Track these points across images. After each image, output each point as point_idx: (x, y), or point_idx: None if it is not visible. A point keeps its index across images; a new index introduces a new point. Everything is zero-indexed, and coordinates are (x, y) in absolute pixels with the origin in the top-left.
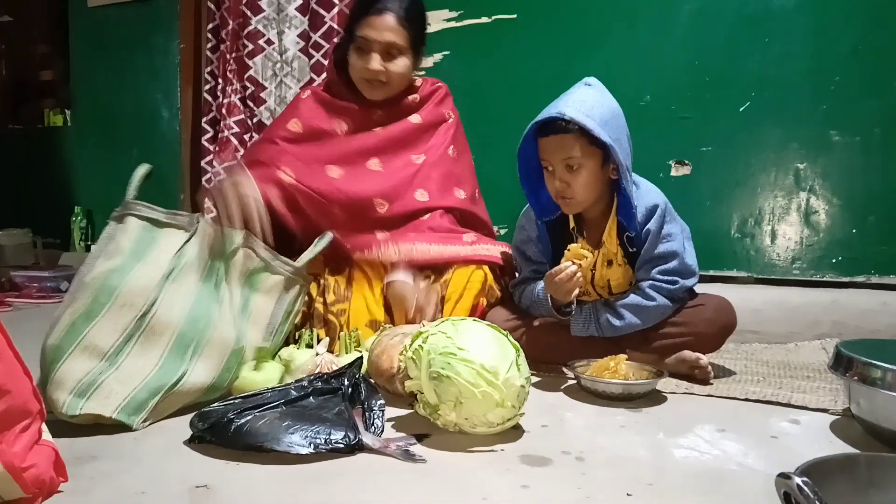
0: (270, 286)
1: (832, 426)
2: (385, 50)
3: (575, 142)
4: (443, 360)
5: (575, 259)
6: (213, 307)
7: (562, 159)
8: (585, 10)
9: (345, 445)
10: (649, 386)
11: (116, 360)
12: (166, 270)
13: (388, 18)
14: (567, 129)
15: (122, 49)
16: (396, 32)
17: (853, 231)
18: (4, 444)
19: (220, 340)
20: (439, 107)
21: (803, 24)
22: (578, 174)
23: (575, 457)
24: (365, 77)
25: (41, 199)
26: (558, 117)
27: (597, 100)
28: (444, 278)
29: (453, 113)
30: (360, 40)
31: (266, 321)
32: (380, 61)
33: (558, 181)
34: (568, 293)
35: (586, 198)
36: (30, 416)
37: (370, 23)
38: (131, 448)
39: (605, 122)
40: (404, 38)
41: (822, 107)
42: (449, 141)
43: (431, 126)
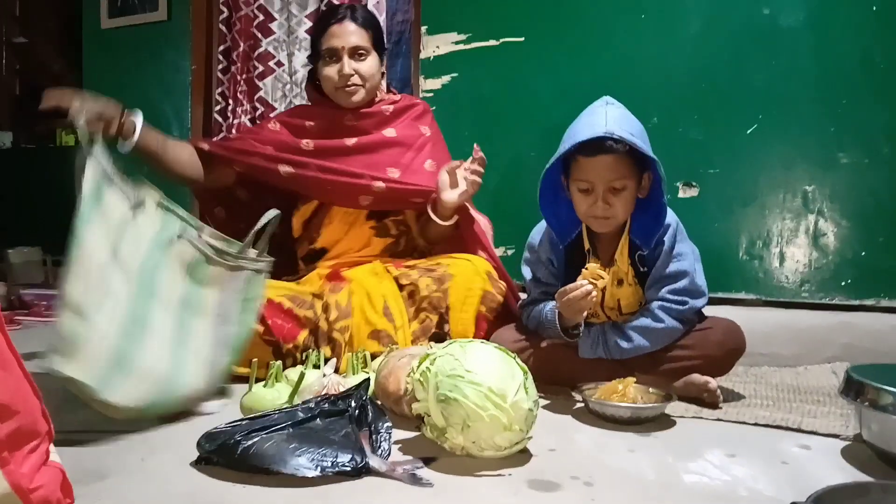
0: (215, 276)
1: (843, 452)
2: (353, 53)
3: (623, 161)
4: (450, 382)
5: (591, 279)
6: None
7: (609, 180)
8: (592, 33)
9: (351, 468)
10: (658, 410)
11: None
12: (111, 248)
13: (348, 24)
14: (615, 150)
15: (134, 70)
16: (359, 35)
17: (862, 253)
18: (13, 464)
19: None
20: (416, 122)
21: (810, 43)
22: (622, 194)
23: (584, 482)
24: (339, 85)
25: (52, 218)
26: (607, 137)
27: (630, 117)
28: (444, 286)
29: (430, 128)
30: (327, 51)
31: (214, 311)
32: (350, 64)
33: (601, 202)
34: (579, 312)
35: (624, 217)
36: (38, 436)
37: (332, 32)
38: (138, 467)
39: (645, 141)
40: (367, 38)
41: (830, 128)
42: (426, 156)
43: (406, 142)
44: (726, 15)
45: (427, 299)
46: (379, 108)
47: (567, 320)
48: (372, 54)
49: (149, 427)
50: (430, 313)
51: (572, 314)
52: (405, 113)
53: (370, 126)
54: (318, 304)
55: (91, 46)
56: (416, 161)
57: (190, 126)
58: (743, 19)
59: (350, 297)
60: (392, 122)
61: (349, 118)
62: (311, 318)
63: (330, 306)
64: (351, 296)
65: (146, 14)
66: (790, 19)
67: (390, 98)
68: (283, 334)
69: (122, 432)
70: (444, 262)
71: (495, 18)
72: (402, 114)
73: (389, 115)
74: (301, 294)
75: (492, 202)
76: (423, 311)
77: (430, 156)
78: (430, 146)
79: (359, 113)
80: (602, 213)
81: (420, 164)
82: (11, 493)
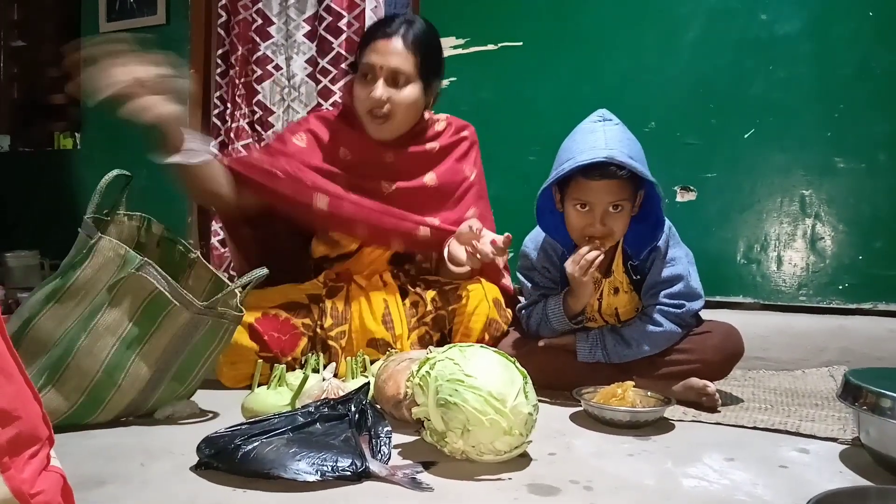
0: (171, 321)
1: (841, 455)
2: (391, 77)
3: (625, 185)
4: (450, 386)
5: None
6: (80, 335)
7: (609, 202)
8: (590, 37)
9: (352, 473)
10: (657, 414)
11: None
12: (50, 289)
13: (395, 42)
14: (616, 175)
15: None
16: (403, 57)
17: (859, 257)
18: (13, 469)
19: (78, 370)
20: (461, 163)
21: (807, 50)
22: (619, 215)
23: (583, 486)
24: (367, 108)
25: (50, 221)
26: (609, 161)
27: (630, 138)
28: (451, 307)
29: (475, 168)
30: (365, 66)
31: (157, 356)
32: (385, 88)
33: (599, 223)
34: (591, 271)
35: (621, 235)
36: (39, 441)
37: (375, 48)
38: (137, 473)
39: (642, 161)
40: (412, 64)
41: (827, 133)
42: (469, 203)
43: (448, 189)
44: (725, 22)
45: (431, 315)
46: (423, 149)
47: (573, 302)
48: (414, 83)
49: (148, 432)
50: (431, 330)
51: (583, 273)
52: (452, 152)
53: (412, 167)
54: (316, 309)
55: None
56: (458, 210)
57: None
58: (741, 26)
59: (348, 302)
60: (435, 165)
61: (389, 156)
62: (310, 325)
63: (326, 312)
64: (349, 301)
65: (145, 18)
66: (788, 26)
67: (433, 127)
68: (282, 347)
69: (122, 437)
70: (454, 282)
71: (494, 23)
72: (447, 153)
73: (435, 154)
74: (296, 299)
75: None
76: (425, 326)
77: (473, 203)
78: (473, 192)
79: (401, 153)
80: (600, 234)
81: (462, 213)
82: (12, 499)
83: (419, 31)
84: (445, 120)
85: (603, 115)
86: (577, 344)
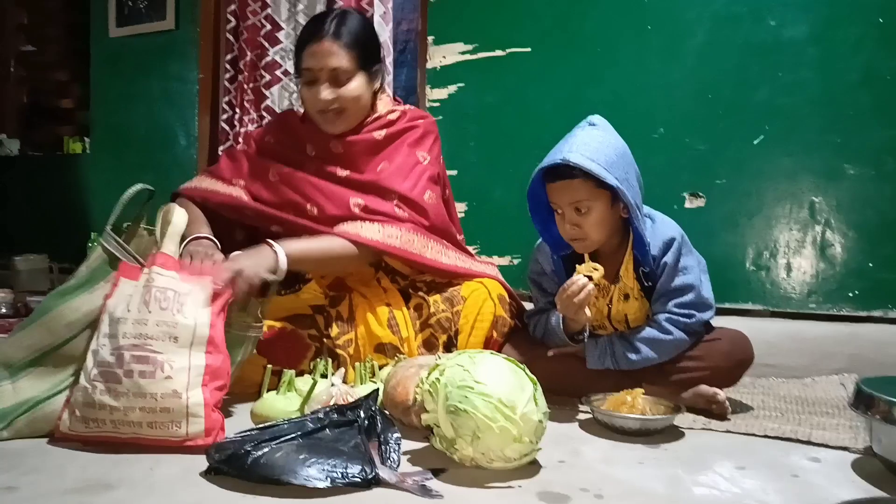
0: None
1: (853, 464)
2: (332, 77)
3: (581, 185)
4: (460, 393)
5: (586, 273)
6: None
7: (570, 203)
8: (597, 43)
9: (361, 480)
10: (667, 421)
11: (18, 374)
12: (100, 311)
13: (327, 44)
14: (573, 175)
15: (141, 78)
16: (339, 56)
17: (869, 264)
18: (208, 387)
19: None
20: (414, 148)
21: (813, 54)
22: (588, 216)
23: (594, 494)
24: (318, 109)
25: (59, 225)
26: (562, 163)
27: (601, 141)
28: (455, 308)
29: (429, 154)
30: (306, 73)
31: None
32: (330, 89)
33: (568, 224)
34: (580, 308)
35: (598, 238)
36: (224, 385)
37: (311, 52)
38: (145, 477)
39: (612, 164)
40: (349, 59)
41: (836, 139)
42: (425, 185)
43: (400, 171)
44: (731, 28)
45: (436, 318)
46: (369, 136)
47: (571, 324)
48: (357, 76)
49: None
50: (437, 332)
51: (573, 312)
52: (400, 138)
53: (358, 154)
54: (320, 319)
55: (98, 55)
56: (415, 192)
57: (196, 135)
58: (748, 32)
59: (351, 310)
60: (384, 151)
61: (335, 144)
62: (316, 335)
63: (332, 320)
64: (353, 308)
65: (154, 23)
66: (794, 31)
67: (386, 116)
68: (290, 358)
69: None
70: (457, 283)
71: (502, 29)
72: (395, 139)
73: (381, 140)
74: (300, 310)
75: (499, 212)
76: (430, 328)
77: (428, 186)
78: (427, 176)
79: (345, 141)
80: (570, 235)
81: (420, 195)
82: (201, 402)
83: (350, 25)
84: (402, 110)
85: (590, 121)
86: (586, 351)
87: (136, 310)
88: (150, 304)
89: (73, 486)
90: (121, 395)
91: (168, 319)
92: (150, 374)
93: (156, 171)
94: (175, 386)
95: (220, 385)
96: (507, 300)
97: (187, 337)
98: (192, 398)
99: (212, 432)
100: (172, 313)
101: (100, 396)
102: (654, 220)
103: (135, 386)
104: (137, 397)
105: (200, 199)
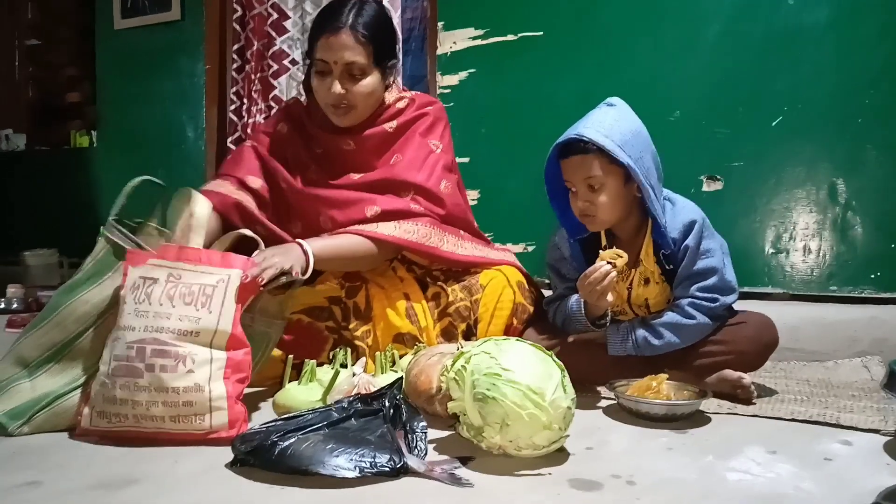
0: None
1: (886, 447)
2: (346, 71)
3: (594, 161)
4: (488, 381)
5: (609, 259)
6: None
7: (583, 179)
8: (612, 26)
9: (390, 469)
10: (694, 407)
11: (35, 372)
12: (110, 303)
13: (344, 37)
14: (586, 150)
15: (148, 70)
16: (355, 51)
17: (892, 246)
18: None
19: None
20: (426, 137)
21: (834, 39)
22: (600, 193)
23: (626, 480)
24: (328, 102)
25: (67, 220)
26: (577, 139)
27: (616, 119)
28: (473, 297)
29: (441, 142)
30: (319, 63)
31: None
32: (342, 84)
33: (581, 201)
34: (602, 295)
35: (610, 215)
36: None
37: (326, 43)
38: (170, 471)
39: (625, 142)
40: (365, 55)
41: (858, 120)
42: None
43: (414, 163)
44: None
45: (454, 307)
46: (381, 129)
47: (593, 309)
48: (371, 73)
49: None
50: (456, 321)
51: (596, 298)
52: (411, 128)
53: (371, 149)
54: (337, 311)
55: (104, 47)
56: (431, 182)
57: (204, 126)
58: (767, 18)
59: (368, 301)
60: (396, 143)
61: (349, 143)
62: (334, 327)
63: (349, 312)
64: (370, 299)
65: (159, 14)
66: (815, 18)
67: (395, 106)
68: (308, 351)
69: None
70: (475, 272)
71: (513, 13)
72: (406, 129)
73: (392, 132)
74: (316, 303)
75: (512, 199)
76: (448, 317)
77: (443, 176)
78: (441, 165)
79: (356, 137)
80: (581, 211)
81: (436, 185)
82: (223, 395)
83: (368, 17)
84: (409, 98)
85: (608, 101)
86: (608, 337)
87: (158, 302)
88: (174, 298)
89: (97, 481)
90: (142, 390)
91: (192, 314)
92: (171, 368)
93: (163, 163)
94: (197, 379)
95: (242, 377)
96: (526, 287)
97: (210, 331)
98: (214, 391)
99: (235, 424)
100: (196, 308)
101: (120, 392)
102: (674, 203)
103: (156, 380)
104: (159, 392)
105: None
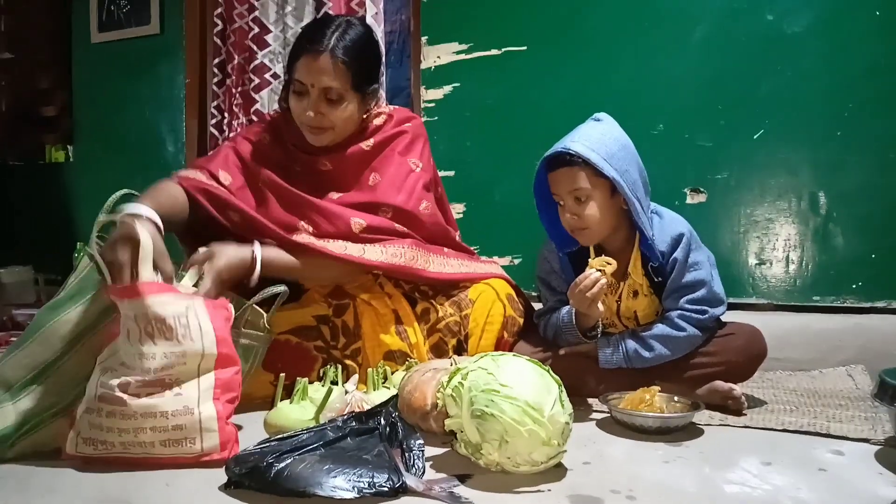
0: None
1: (877, 456)
2: (323, 95)
3: (580, 173)
4: (486, 397)
5: (598, 267)
6: None
7: (569, 191)
8: (595, 40)
9: (389, 489)
10: (687, 419)
11: (19, 394)
12: (94, 322)
13: (323, 61)
14: (573, 163)
15: (126, 84)
16: (333, 76)
17: (872, 255)
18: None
19: None
20: (405, 156)
21: (816, 48)
22: (587, 205)
23: (625, 495)
24: (304, 122)
25: (43, 236)
26: (564, 152)
27: (602, 133)
28: (463, 312)
29: (421, 160)
30: (297, 83)
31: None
32: (318, 108)
33: (569, 213)
34: (593, 302)
35: (599, 228)
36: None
37: (305, 65)
38: (162, 493)
39: (612, 156)
40: (344, 80)
41: (837, 132)
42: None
43: (393, 183)
44: (732, 22)
45: (444, 322)
46: (357, 149)
47: (584, 319)
48: (348, 98)
49: None
50: (447, 336)
51: (587, 306)
52: (390, 146)
53: (348, 169)
54: (326, 330)
55: (81, 61)
56: (411, 203)
57: (185, 140)
58: (749, 26)
59: (357, 318)
60: (374, 161)
61: (325, 163)
62: (322, 346)
63: (337, 331)
64: (358, 317)
65: (138, 28)
66: (796, 25)
67: (372, 122)
68: (297, 372)
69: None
70: (464, 286)
71: (497, 27)
72: (385, 147)
73: (370, 150)
74: (304, 322)
75: (497, 212)
76: (438, 333)
77: (423, 195)
78: (421, 184)
79: (333, 158)
80: (570, 225)
81: (416, 206)
82: (213, 416)
83: (351, 41)
84: (387, 113)
85: (595, 117)
86: (598, 350)
87: (139, 342)
88: (154, 336)
89: None
90: (128, 417)
91: (175, 350)
92: (158, 393)
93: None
94: (186, 402)
95: (232, 397)
96: (516, 299)
97: (196, 356)
98: (204, 412)
99: (227, 445)
100: (178, 340)
101: (107, 420)
102: (661, 217)
103: (143, 406)
104: (147, 417)
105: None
